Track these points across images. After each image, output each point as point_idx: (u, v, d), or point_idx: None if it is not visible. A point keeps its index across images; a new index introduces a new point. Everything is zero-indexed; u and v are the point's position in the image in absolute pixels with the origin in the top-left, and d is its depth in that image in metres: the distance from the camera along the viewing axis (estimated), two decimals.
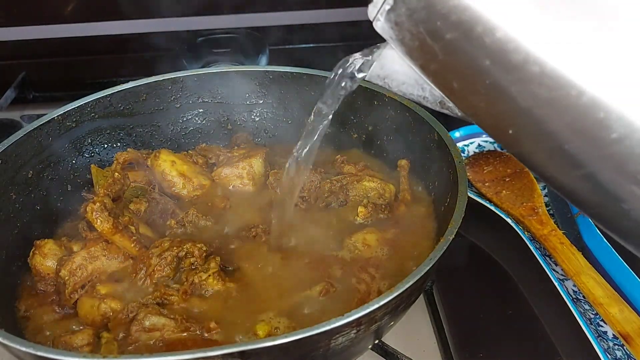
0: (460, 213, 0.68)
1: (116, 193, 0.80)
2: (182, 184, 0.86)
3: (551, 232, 0.87)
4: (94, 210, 0.74)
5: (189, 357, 0.53)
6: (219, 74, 1.00)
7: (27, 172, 0.84)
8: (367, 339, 0.67)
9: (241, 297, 0.72)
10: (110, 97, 0.93)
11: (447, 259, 0.66)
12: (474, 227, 0.93)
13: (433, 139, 0.82)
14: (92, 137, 0.93)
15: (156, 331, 0.66)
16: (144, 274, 0.73)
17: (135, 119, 0.97)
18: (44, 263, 0.75)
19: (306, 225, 0.82)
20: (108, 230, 0.74)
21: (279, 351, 0.55)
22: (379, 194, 0.84)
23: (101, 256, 0.74)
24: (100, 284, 0.73)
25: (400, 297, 0.60)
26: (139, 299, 0.70)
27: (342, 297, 0.71)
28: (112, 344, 0.66)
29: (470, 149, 1.09)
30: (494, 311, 0.83)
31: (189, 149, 0.96)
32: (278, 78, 0.99)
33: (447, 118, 0.68)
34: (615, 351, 0.74)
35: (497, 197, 0.96)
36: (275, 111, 1.02)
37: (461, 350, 0.77)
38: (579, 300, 0.81)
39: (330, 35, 1.43)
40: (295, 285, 0.73)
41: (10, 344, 0.56)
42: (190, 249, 0.75)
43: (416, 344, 0.79)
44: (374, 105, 0.92)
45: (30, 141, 0.84)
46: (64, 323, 0.70)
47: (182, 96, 0.99)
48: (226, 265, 0.76)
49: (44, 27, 1.43)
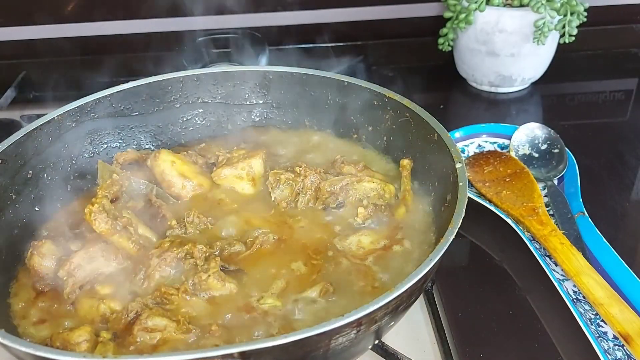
0: (460, 213, 0.68)
1: (115, 194, 0.80)
2: (181, 184, 0.86)
3: (551, 232, 0.87)
4: (92, 211, 0.74)
5: (189, 357, 0.53)
6: (219, 74, 1.00)
7: (27, 172, 0.83)
8: (367, 339, 0.67)
9: (242, 297, 0.72)
10: (110, 97, 0.93)
11: (447, 259, 0.66)
12: (474, 227, 0.93)
13: (433, 139, 0.82)
14: (92, 137, 0.93)
15: (157, 332, 0.66)
16: (144, 274, 0.73)
17: (135, 119, 0.97)
18: (42, 263, 0.75)
19: (305, 226, 0.82)
20: (106, 231, 0.74)
21: (279, 351, 0.55)
22: (378, 194, 0.84)
23: (100, 257, 0.74)
24: (99, 284, 0.73)
25: (400, 297, 0.60)
26: (140, 299, 0.70)
27: (341, 296, 0.71)
28: (107, 345, 0.65)
29: (470, 149, 1.09)
30: (494, 311, 0.83)
31: (188, 149, 0.96)
32: (278, 78, 0.99)
33: (447, 118, 0.68)
34: (615, 351, 0.74)
35: (497, 197, 0.96)
36: (275, 111, 1.02)
37: (461, 351, 0.77)
38: (579, 300, 0.81)
39: (331, 35, 1.43)
40: (295, 286, 0.73)
41: (9, 344, 0.56)
42: (190, 250, 0.75)
43: (416, 344, 0.79)
44: (373, 105, 0.92)
45: (30, 141, 0.84)
46: (62, 321, 0.70)
47: (182, 96, 0.99)
48: (226, 265, 0.76)
49: (44, 27, 1.43)
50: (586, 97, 1.37)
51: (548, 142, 1.07)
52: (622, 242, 0.91)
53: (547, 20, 1.18)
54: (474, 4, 1.20)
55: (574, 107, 1.33)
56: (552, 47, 1.28)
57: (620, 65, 1.47)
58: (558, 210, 0.94)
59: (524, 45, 1.23)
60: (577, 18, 1.19)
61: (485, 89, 1.34)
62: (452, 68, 1.38)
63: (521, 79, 1.31)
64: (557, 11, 1.18)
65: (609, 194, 1.04)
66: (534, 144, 1.07)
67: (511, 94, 1.34)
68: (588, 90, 1.39)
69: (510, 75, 1.29)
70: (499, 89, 1.33)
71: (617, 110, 1.31)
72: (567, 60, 1.39)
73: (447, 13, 1.26)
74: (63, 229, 0.83)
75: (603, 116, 1.29)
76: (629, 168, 1.11)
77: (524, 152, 1.07)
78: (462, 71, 1.36)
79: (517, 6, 1.22)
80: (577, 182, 0.98)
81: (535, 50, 1.24)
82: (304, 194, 0.84)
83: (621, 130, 1.24)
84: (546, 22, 1.18)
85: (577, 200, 0.95)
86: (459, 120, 1.15)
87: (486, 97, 1.34)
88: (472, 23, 1.22)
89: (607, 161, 1.12)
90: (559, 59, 1.32)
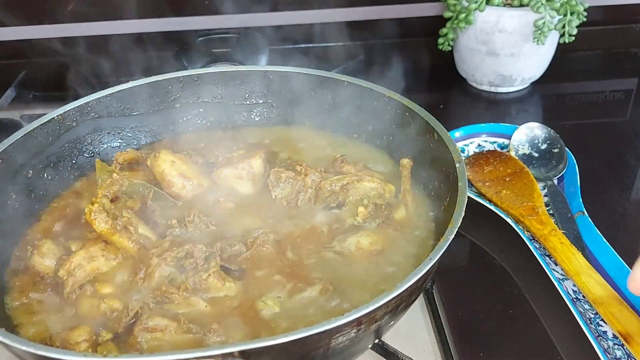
0: (460, 213, 0.68)
1: (115, 193, 0.80)
2: (181, 184, 0.86)
3: (551, 232, 0.87)
4: (92, 211, 0.74)
5: (189, 356, 0.53)
6: (219, 74, 1.00)
7: (27, 172, 0.84)
8: (367, 339, 0.67)
9: (242, 296, 0.72)
10: (110, 97, 0.93)
11: (447, 259, 0.66)
12: (474, 227, 0.93)
13: (433, 139, 0.82)
14: (92, 137, 0.93)
15: (158, 332, 0.66)
16: (144, 274, 0.73)
17: (135, 119, 0.97)
18: (43, 262, 0.75)
19: (305, 226, 0.82)
20: (106, 231, 0.74)
21: (280, 350, 0.55)
22: (379, 194, 0.84)
23: (100, 256, 0.74)
24: (99, 283, 0.73)
25: (400, 296, 0.60)
26: (140, 299, 0.70)
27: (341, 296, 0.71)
28: (108, 345, 0.65)
29: (470, 149, 1.09)
30: (494, 311, 0.83)
31: (189, 149, 0.96)
32: (278, 78, 0.99)
33: (447, 118, 0.68)
34: (615, 351, 0.74)
35: (497, 196, 0.96)
36: (275, 111, 1.02)
37: (461, 350, 0.77)
38: (578, 300, 0.81)
39: (331, 35, 1.43)
40: (295, 285, 0.73)
41: (10, 343, 0.56)
42: (190, 250, 0.75)
43: (416, 343, 0.79)
44: (373, 105, 0.92)
45: (30, 141, 0.84)
46: (62, 320, 0.70)
47: (182, 96, 0.99)
48: (226, 265, 0.76)
49: (44, 27, 1.43)
50: (586, 97, 1.37)
51: (548, 142, 1.07)
52: (621, 241, 0.91)
53: (547, 20, 1.18)
54: (474, 4, 1.20)
55: (574, 107, 1.34)
56: (552, 47, 1.28)
57: (620, 65, 1.47)
58: (558, 210, 0.94)
59: (524, 45, 1.23)
60: (577, 18, 1.20)
61: (485, 88, 1.34)
62: (452, 68, 1.38)
63: (521, 79, 1.31)
64: (557, 11, 1.18)
65: (609, 194, 1.04)
66: (533, 144, 1.07)
67: (511, 94, 1.34)
68: (588, 90, 1.39)
69: (510, 75, 1.29)
70: (499, 88, 1.33)
71: (617, 110, 1.32)
72: (567, 60, 1.39)
73: (447, 13, 1.26)
74: (63, 228, 0.83)
75: (603, 116, 1.30)
76: (629, 168, 1.11)
77: (523, 151, 1.07)
78: (462, 71, 1.36)
79: (517, 6, 1.22)
80: (577, 182, 0.98)
81: (535, 50, 1.24)
82: (305, 192, 0.84)
83: (621, 130, 1.24)
84: (546, 22, 1.18)
85: (577, 199, 0.95)
86: (459, 120, 1.15)
87: (486, 97, 1.34)
88: (472, 23, 1.22)
89: (607, 161, 1.12)
90: (559, 58, 1.32)
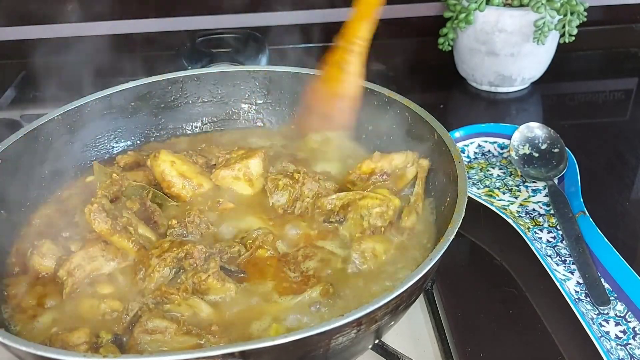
0: (460, 213, 0.68)
1: (114, 194, 0.80)
2: (181, 184, 0.86)
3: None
4: (92, 211, 0.74)
5: (189, 357, 0.53)
6: (219, 74, 1.00)
7: (28, 172, 0.83)
8: (367, 339, 0.67)
9: (241, 297, 0.72)
10: (110, 97, 0.93)
11: (447, 259, 0.66)
12: (474, 227, 0.93)
13: (433, 139, 0.82)
14: (92, 137, 0.93)
15: (159, 333, 0.66)
16: (144, 274, 0.73)
17: (135, 119, 0.97)
18: (42, 263, 0.75)
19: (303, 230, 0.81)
20: (106, 231, 0.74)
21: (280, 351, 0.55)
22: (381, 213, 0.80)
23: (100, 256, 0.74)
24: (99, 284, 0.73)
25: (401, 297, 0.60)
26: (140, 299, 0.70)
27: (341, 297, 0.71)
28: (108, 347, 0.65)
29: (470, 149, 1.09)
30: (494, 311, 0.83)
31: (189, 149, 0.96)
32: (278, 78, 0.99)
33: (447, 118, 0.68)
34: (618, 351, 0.74)
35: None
36: (276, 111, 1.02)
37: (461, 350, 0.77)
38: (580, 300, 0.81)
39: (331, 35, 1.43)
40: (295, 285, 0.73)
41: (10, 343, 0.56)
42: (190, 250, 0.74)
43: (416, 344, 0.79)
44: (373, 105, 0.92)
45: (30, 141, 0.84)
46: (61, 321, 0.70)
47: (182, 96, 0.99)
48: (226, 266, 0.75)
49: (44, 27, 1.43)
50: (586, 97, 1.37)
51: (548, 142, 1.07)
52: (622, 241, 0.91)
53: (547, 20, 1.18)
54: (474, 4, 1.20)
55: (574, 107, 1.33)
56: (552, 47, 1.28)
57: (620, 65, 1.47)
58: (559, 210, 0.94)
59: (524, 45, 1.23)
60: (577, 18, 1.19)
61: (485, 88, 1.34)
62: (452, 68, 1.38)
63: (521, 79, 1.31)
64: (557, 11, 1.18)
65: (610, 193, 1.04)
66: (534, 144, 1.07)
67: (511, 94, 1.34)
68: (588, 90, 1.39)
69: (510, 75, 1.29)
70: (498, 88, 1.33)
71: (617, 110, 1.31)
72: (567, 60, 1.39)
73: (447, 13, 1.26)
74: (63, 228, 0.83)
75: (603, 116, 1.30)
76: (629, 167, 1.11)
77: (524, 151, 1.07)
78: (462, 71, 1.36)
79: (517, 6, 1.22)
80: (577, 182, 0.98)
81: (535, 50, 1.24)
82: (302, 200, 0.84)
83: (621, 130, 1.24)
84: (546, 22, 1.18)
85: (577, 199, 0.95)
86: (459, 120, 1.15)
87: (486, 97, 1.34)
88: (472, 23, 1.22)
89: (608, 161, 1.12)
90: (559, 58, 1.32)
